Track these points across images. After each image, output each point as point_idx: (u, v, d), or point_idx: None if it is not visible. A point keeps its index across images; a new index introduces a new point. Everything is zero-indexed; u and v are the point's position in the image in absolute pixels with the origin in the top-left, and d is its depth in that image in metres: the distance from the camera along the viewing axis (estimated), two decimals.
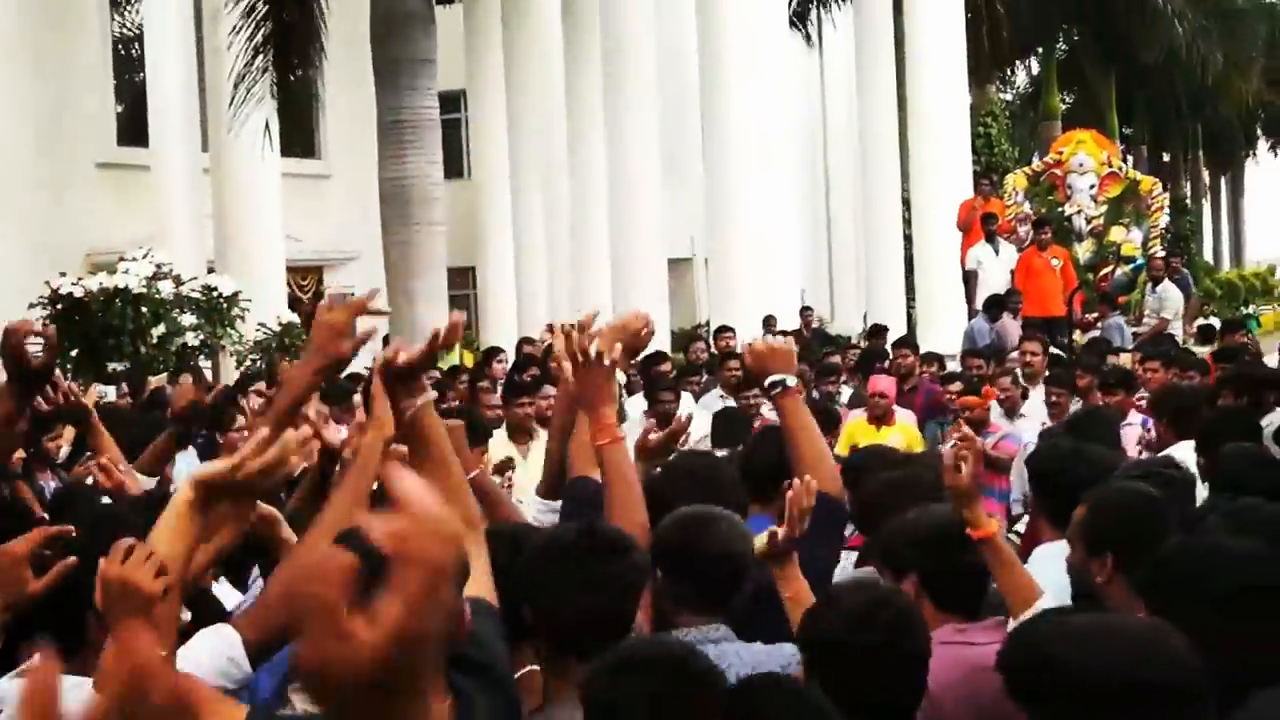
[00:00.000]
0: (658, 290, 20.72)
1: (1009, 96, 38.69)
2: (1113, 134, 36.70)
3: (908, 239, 24.10)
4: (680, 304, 23.79)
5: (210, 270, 18.63)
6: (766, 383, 4.52)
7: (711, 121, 20.52)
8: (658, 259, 20.99)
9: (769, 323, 18.79)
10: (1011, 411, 10.76)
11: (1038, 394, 10.81)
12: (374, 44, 16.83)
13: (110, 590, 2.75)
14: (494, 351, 15.19)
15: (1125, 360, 12.89)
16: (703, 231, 22.59)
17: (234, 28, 16.87)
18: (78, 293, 15.07)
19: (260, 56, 17.13)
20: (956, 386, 11.40)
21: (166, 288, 15.59)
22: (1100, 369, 11.15)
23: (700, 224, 22.63)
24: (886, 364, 12.78)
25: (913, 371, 12.71)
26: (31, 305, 15.60)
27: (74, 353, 14.59)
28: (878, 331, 17.20)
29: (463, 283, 25.60)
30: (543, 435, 9.55)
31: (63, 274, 15.32)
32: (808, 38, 28.00)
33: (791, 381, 4.48)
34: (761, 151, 19.82)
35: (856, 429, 10.31)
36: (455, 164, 27.24)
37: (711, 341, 16.47)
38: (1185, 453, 6.35)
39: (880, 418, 10.43)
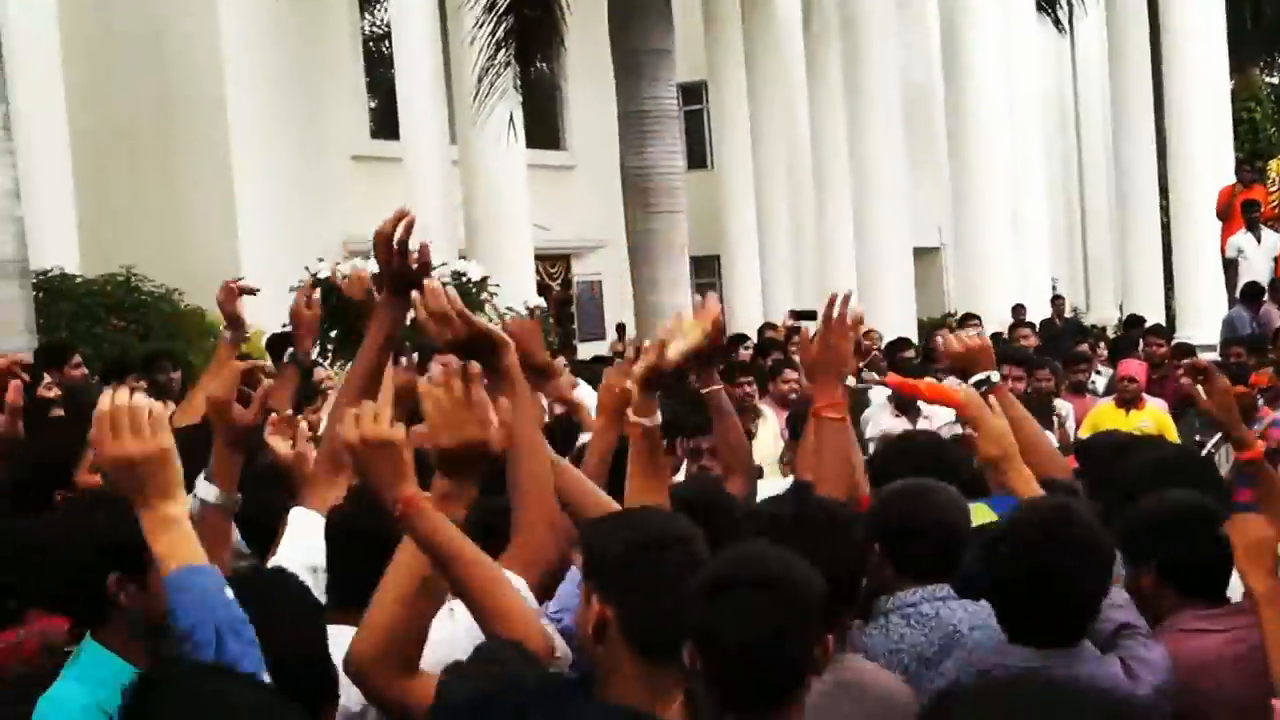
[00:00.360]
0: (902, 279, 20.50)
1: (1276, 80, 37.09)
2: None
3: (1165, 227, 23.36)
4: (927, 294, 23.44)
5: (462, 258, 18.99)
6: (971, 381, 4.64)
7: (955, 108, 20.22)
8: (902, 247, 20.75)
9: (1018, 312, 18.45)
10: (1275, 401, 10.32)
11: None
12: (612, 36, 16.97)
13: (361, 454, 2.84)
14: (739, 339, 15.17)
15: None
16: (949, 220, 22.26)
17: (477, 22, 17.16)
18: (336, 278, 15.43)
19: (502, 50, 17.43)
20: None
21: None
22: None
23: (947, 213, 22.32)
24: (1138, 352, 12.40)
25: (1164, 361, 12.30)
26: (292, 289, 16.06)
27: (333, 334, 14.98)
28: (1134, 322, 16.73)
29: (707, 271, 25.67)
30: (769, 416, 9.63)
31: (320, 259, 15.75)
32: (1056, 22, 27.29)
33: (995, 378, 4.67)
34: (1007, 138, 19.50)
35: (1104, 413, 10.15)
36: (698, 154, 27.32)
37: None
38: None
39: (1129, 402, 10.21)
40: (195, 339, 15.56)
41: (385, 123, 22.24)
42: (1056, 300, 19.74)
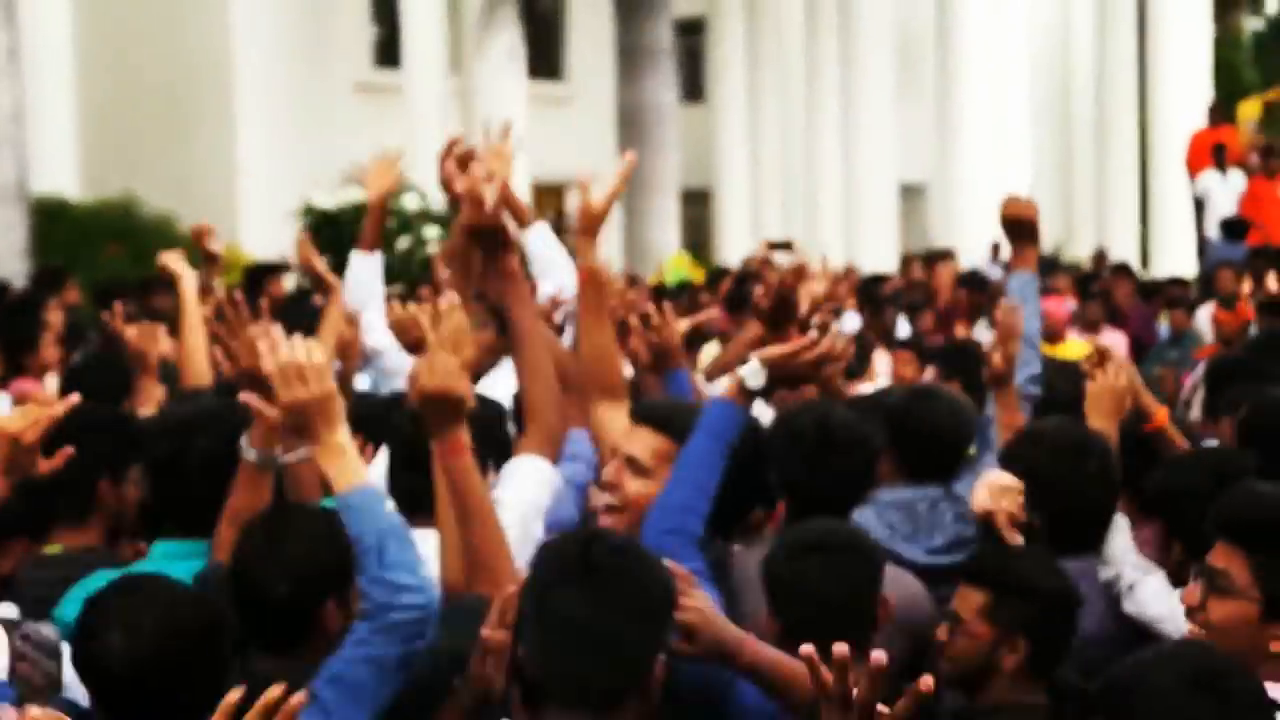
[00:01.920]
0: (887, 214, 21.06)
1: (1259, 25, 37.47)
2: None
3: (1143, 166, 23.94)
4: (913, 229, 23.98)
5: None
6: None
7: (943, 43, 20.62)
8: (888, 184, 21.26)
9: (996, 248, 19.06)
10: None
11: None
12: None
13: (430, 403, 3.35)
14: (724, 272, 15.75)
15: None
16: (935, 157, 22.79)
17: None
18: (330, 206, 15.99)
19: None
20: (1179, 313, 11.60)
21: (413, 202, 16.44)
22: None
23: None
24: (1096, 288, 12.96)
25: (1129, 298, 12.94)
26: (292, 215, 16.64)
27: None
28: (1100, 258, 17.27)
29: (700, 204, 26.13)
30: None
31: (317, 189, 16.26)
32: None
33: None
34: (991, 76, 19.94)
35: None
36: (694, 89, 27.72)
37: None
38: None
39: (1049, 337, 10.41)
40: (193, 264, 15.80)
41: (388, 51, 22.48)
42: None
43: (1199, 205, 18.11)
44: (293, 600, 3.11)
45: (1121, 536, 3.85)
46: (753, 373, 3.48)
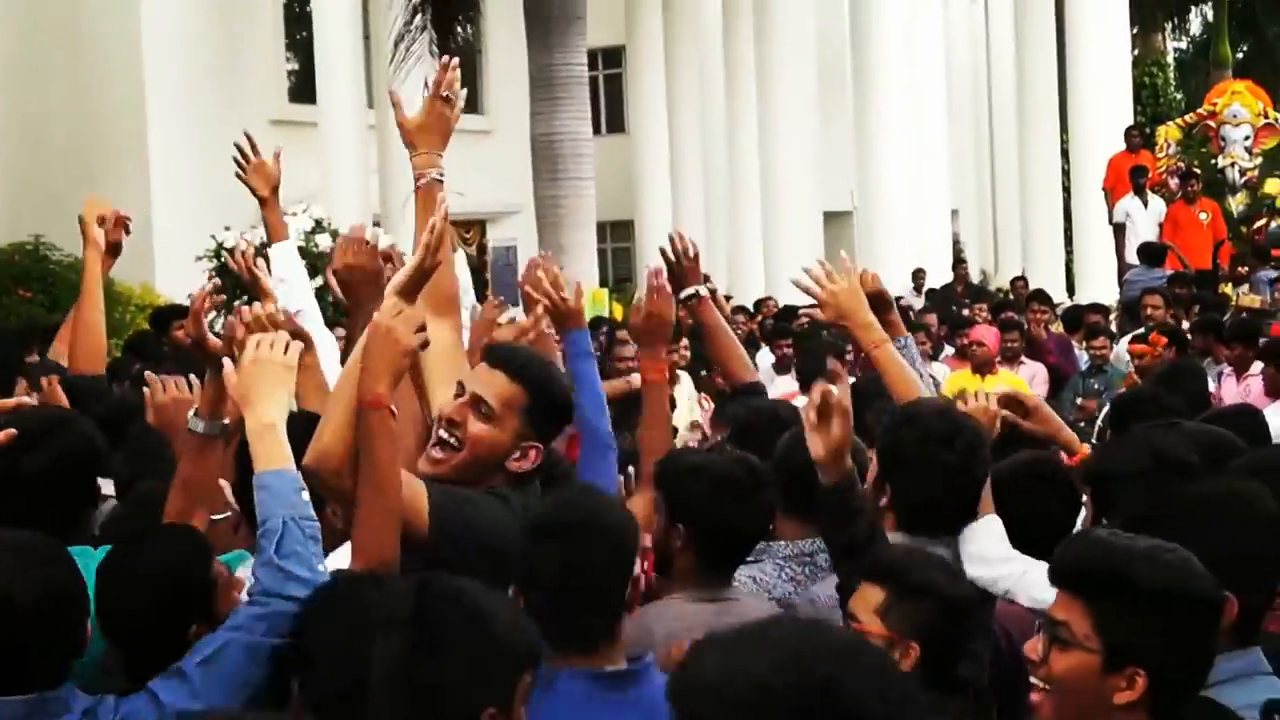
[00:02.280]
0: (811, 243, 20.92)
1: (1183, 45, 37.72)
2: None
3: (1067, 191, 23.93)
4: (836, 258, 23.86)
5: (376, 223, 19.23)
6: (683, 295, 5.09)
7: (860, 75, 20.62)
8: (811, 213, 21.18)
9: (918, 276, 18.98)
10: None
11: None
12: (526, 1, 17.21)
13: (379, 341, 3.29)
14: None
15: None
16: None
17: None
18: (240, 245, 15.63)
19: (419, 15, 17.59)
20: (1100, 341, 11.52)
21: (325, 241, 16.17)
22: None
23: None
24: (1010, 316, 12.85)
25: (1046, 326, 12.82)
26: (199, 258, 16.33)
27: (235, 304, 15.22)
28: (1018, 284, 17.25)
29: (624, 235, 25.99)
30: (685, 379, 9.97)
31: (227, 228, 15.95)
32: None
33: (704, 291, 5.21)
34: (908, 107, 19.91)
35: (958, 379, 10.31)
36: (617, 119, 27.59)
37: None
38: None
39: (981, 367, 10.41)
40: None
41: (305, 87, 22.30)
42: (959, 265, 20.22)
43: (1119, 230, 18.09)
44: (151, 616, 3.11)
45: (992, 538, 3.83)
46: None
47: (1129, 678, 2.58)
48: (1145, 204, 17.88)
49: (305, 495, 3.14)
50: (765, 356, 11.98)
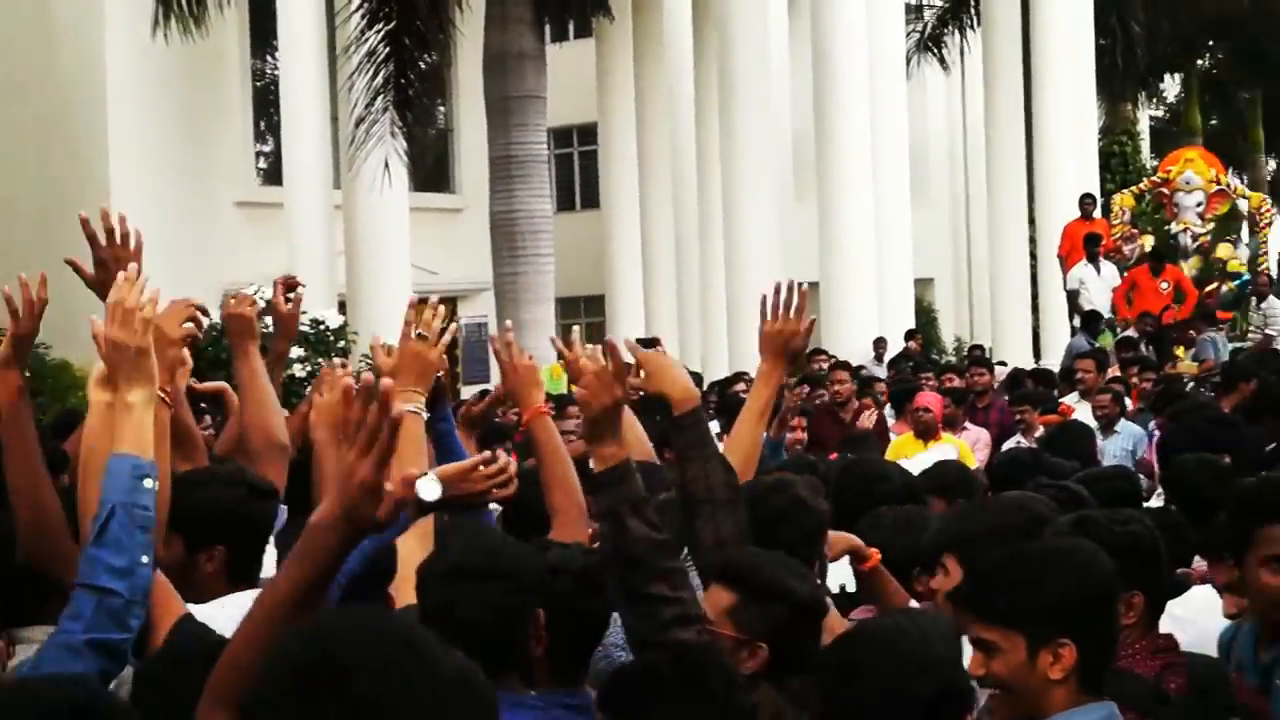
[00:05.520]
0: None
1: (1157, 113, 38.01)
2: (1257, 151, 36.00)
3: (1035, 258, 24.08)
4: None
5: (342, 303, 19.31)
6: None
7: (824, 155, 20.76)
8: (772, 285, 21.20)
9: (879, 345, 19.07)
10: (1108, 426, 10.68)
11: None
12: (486, 81, 17.30)
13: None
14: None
15: None
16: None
17: (356, 68, 17.15)
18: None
19: (380, 98, 17.66)
20: (1025, 408, 11.57)
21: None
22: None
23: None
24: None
25: (987, 390, 12.89)
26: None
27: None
28: (975, 352, 17.37)
29: (595, 310, 26.08)
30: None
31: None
32: (942, 61, 28.03)
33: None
34: (872, 179, 20.05)
35: (902, 444, 10.31)
36: (591, 194, 27.78)
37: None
38: None
39: (925, 432, 10.40)
40: (60, 394, 15.38)
41: (275, 169, 22.47)
42: (913, 336, 20.26)
43: (1073, 297, 18.22)
44: None
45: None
46: (427, 485, 3.25)
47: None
48: (1098, 271, 18.00)
49: (147, 483, 3.01)
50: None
